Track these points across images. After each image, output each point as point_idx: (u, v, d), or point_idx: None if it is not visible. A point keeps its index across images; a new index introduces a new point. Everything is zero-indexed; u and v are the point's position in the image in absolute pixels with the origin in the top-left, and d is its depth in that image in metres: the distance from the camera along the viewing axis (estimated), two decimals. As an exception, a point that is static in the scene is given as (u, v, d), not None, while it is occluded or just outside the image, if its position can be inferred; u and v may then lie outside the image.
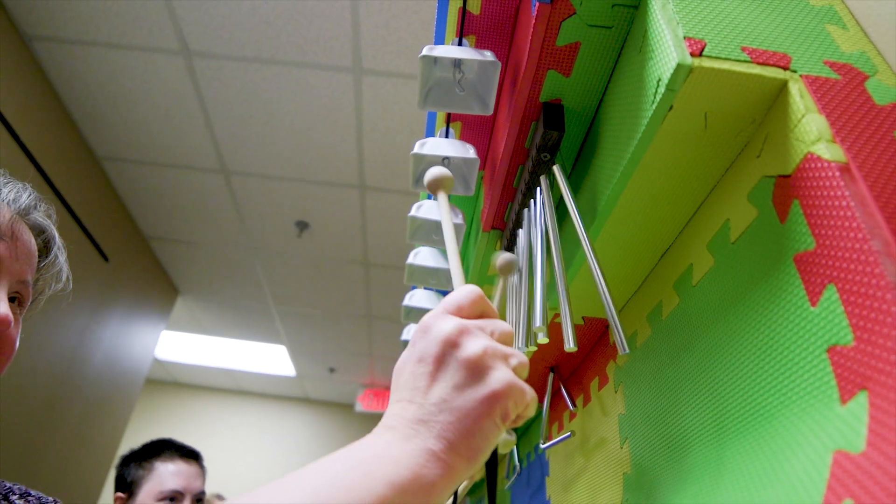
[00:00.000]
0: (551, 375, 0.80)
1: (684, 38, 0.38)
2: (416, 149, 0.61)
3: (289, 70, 1.89)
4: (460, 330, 0.31)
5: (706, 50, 0.37)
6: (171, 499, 1.11)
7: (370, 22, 1.73)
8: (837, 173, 0.32)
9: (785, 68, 0.37)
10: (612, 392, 0.65)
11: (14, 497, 0.48)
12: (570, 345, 0.40)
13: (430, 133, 0.81)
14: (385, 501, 0.25)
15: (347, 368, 4.67)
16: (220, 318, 3.86)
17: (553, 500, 0.77)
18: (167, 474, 1.13)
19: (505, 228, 0.71)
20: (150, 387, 4.93)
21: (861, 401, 0.28)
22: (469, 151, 0.62)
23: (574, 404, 0.73)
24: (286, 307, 3.65)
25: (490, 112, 0.56)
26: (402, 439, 0.28)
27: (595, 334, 0.70)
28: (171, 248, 3.00)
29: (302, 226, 2.77)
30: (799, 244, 0.34)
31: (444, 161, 0.66)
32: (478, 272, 0.80)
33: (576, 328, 0.66)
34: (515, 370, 0.31)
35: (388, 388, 5.13)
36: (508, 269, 0.53)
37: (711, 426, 0.42)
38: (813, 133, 0.34)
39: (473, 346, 0.31)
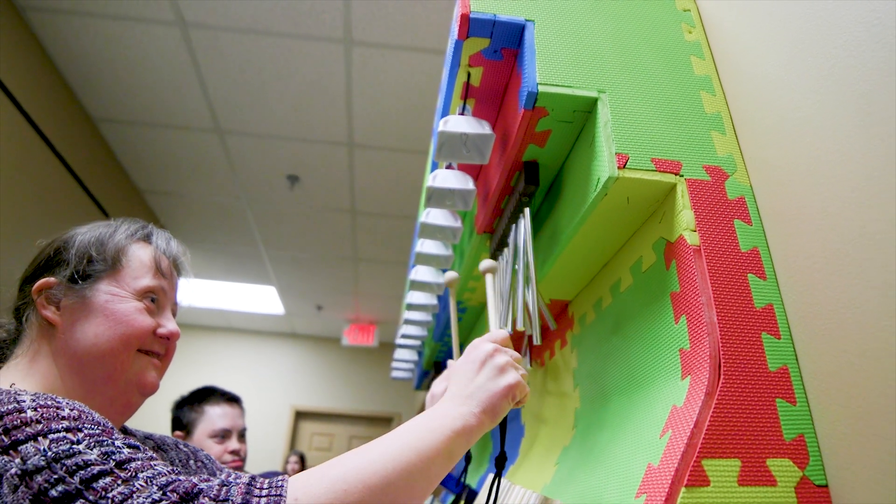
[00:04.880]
0: (527, 337, 1.07)
1: (616, 153, 0.59)
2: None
3: (282, 41, 1.99)
4: (495, 349, 0.57)
5: (628, 163, 0.59)
6: (222, 436, 1.37)
7: (361, -3, 1.83)
8: (692, 253, 0.55)
9: (676, 174, 0.60)
10: (569, 352, 0.91)
11: (199, 453, 0.73)
12: (536, 341, 0.65)
13: (447, 104, 0.85)
14: (447, 439, 0.49)
15: (334, 306, 4.95)
16: (213, 263, 4.04)
17: (527, 426, 1.06)
18: (216, 416, 1.38)
19: (493, 233, 0.94)
20: (144, 326, 5.12)
21: (687, 380, 0.53)
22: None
23: (531, 363, 0.99)
24: (276, 252, 3.84)
25: (486, 162, 0.77)
26: (456, 406, 0.52)
27: (558, 310, 0.95)
28: (165, 201, 3.13)
29: (293, 179, 2.92)
30: (673, 286, 0.59)
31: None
32: (471, 260, 1.03)
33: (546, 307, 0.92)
34: (522, 376, 0.56)
35: (371, 323, 5.47)
36: (491, 270, 0.77)
37: (623, 384, 0.68)
38: (684, 223, 0.57)
39: (501, 359, 0.56)
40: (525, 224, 0.71)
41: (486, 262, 0.74)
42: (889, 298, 0.45)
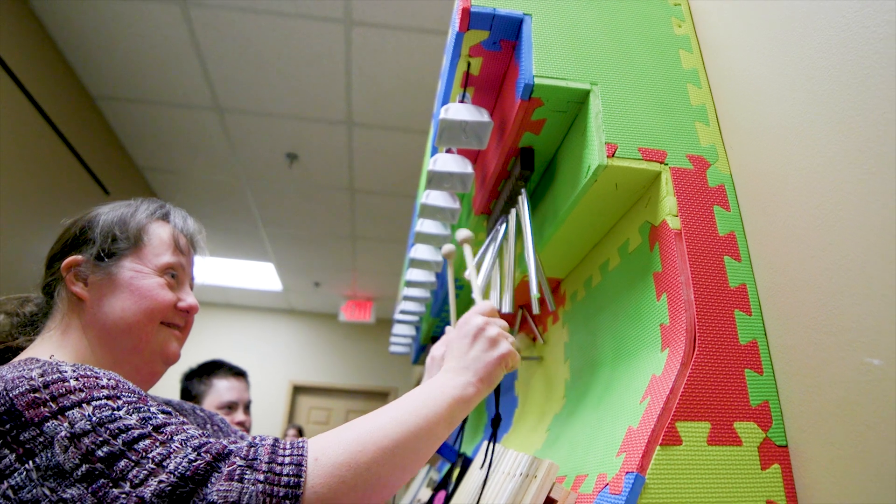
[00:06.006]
0: (520, 312, 1.12)
1: (605, 142, 0.64)
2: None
3: (282, 20, 1.99)
4: (486, 321, 0.61)
5: (617, 152, 0.63)
6: (229, 407, 1.44)
7: (360, -24, 1.83)
8: (674, 236, 0.60)
9: (661, 162, 0.64)
10: (560, 327, 0.97)
11: (214, 417, 0.78)
12: (551, 307, 0.70)
13: (448, 91, 0.88)
14: (448, 406, 0.55)
15: (332, 282, 5.01)
16: (211, 239, 4.06)
17: (520, 396, 1.12)
18: (223, 389, 1.45)
19: (490, 214, 0.98)
20: (143, 301, 5.17)
21: (666, 352, 0.59)
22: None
23: (538, 335, 1.05)
24: (275, 229, 3.88)
25: (485, 148, 0.81)
26: (455, 376, 0.58)
27: (551, 287, 1.00)
28: (164, 178, 3.14)
29: (292, 157, 2.94)
30: (655, 266, 0.64)
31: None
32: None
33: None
34: (512, 344, 0.61)
35: (368, 300, 5.55)
36: (467, 240, 0.80)
37: (609, 356, 0.73)
38: (667, 208, 0.62)
39: (492, 330, 0.61)
40: (523, 205, 0.75)
41: (462, 232, 0.78)
42: (847, 280, 0.50)
